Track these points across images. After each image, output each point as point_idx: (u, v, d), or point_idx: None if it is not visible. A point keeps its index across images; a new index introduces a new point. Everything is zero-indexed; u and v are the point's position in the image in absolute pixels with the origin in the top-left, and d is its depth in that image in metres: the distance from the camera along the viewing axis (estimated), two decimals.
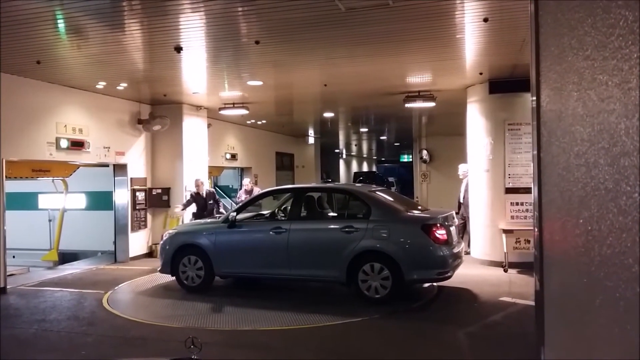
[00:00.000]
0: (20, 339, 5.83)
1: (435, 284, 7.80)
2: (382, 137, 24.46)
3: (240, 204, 8.51)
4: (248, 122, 15.02)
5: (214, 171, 14.21)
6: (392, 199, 7.68)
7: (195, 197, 10.61)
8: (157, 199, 11.33)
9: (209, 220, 8.89)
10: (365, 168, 39.56)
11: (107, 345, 5.62)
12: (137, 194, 10.98)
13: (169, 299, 7.49)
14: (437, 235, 6.68)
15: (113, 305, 7.22)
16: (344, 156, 32.25)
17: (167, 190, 11.40)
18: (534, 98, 1.95)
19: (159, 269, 8.25)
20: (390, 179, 33.72)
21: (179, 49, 6.61)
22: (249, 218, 8.16)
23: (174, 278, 8.09)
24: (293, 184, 17.94)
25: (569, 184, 1.37)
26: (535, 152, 1.95)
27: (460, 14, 5.88)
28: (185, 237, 8.04)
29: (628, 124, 0.92)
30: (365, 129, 20.13)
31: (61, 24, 5.78)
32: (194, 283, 7.82)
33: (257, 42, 6.48)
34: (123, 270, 9.87)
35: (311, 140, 21.49)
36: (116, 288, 8.28)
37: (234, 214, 7.89)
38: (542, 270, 1.91)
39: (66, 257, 12.04)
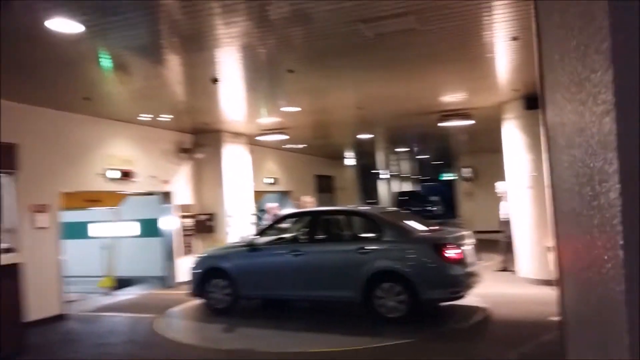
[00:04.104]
0: None
1: (485, 305, 7.70)
2: (421, 156, 24.32)
3: (262, 228, 8.82)
4: (287, 146, 15.33)
5: (256, 196, 14.52)
6: (403, 220, 7.82)
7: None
8: (202, 225, 11.68)
9: (233, 244, 9.23)
10: (406, 188, 39.25)
11: None
12: (184, 220, 11.37)
13: (216, 323, 7.69)
14: (449, 255, 6.75)
15: (165, 329, 7.50)
16: (384, 176, 32.16)
17: (212, 216, 11.75)
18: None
19: (189, 292, 8.60)
20: (433, 198, 33.27)
21: (215, 81, 6.94)
22: (270, 241, 8.41)
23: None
24: (334, 206, 18.06)
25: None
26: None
27: (489, 34, 5.93)
28: (212, 261, 8.40)
29: None
30: (404, 149, 20.11)
31: (106, 63, 6.20)
32: (221, 305, 8.12)
33: (290, 71, 6.72)
34: (172, 295, 10.17)
35: (350, 161, 21.63)
36: (167, 312, 8.58)
37: (254, 237, 8.22)
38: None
39: (121, 283, 12.48)
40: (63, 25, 4.75)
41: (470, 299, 8.02)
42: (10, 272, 6.31)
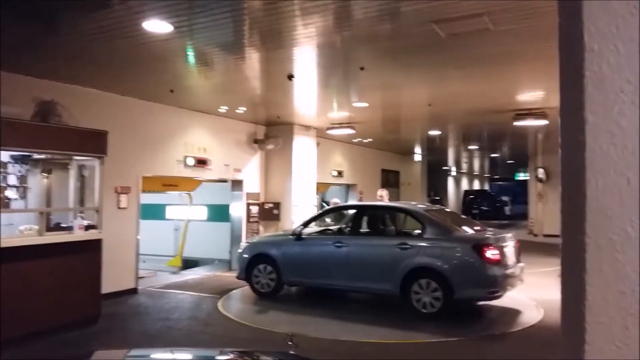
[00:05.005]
0: (149, 334, 6.66)
1: (542, 309, 7.56)
2: (494, 155, 23.67)
3: (307, 219, 9.12)
4: (354, 140, 15.46)
5: (321, 187, 14.79)
6: (447, 219, 7.99)
7: None
8: (268, 213, 12.11)
9: (280, 232, 9.62)
10: (476, 186, 38.30)
11: (220, 344, 6.24)
12: (251, 207, 11.84)
13: (274, 306, 8.09)
14: (489, 255, 6.82)
15: (226, 308, 7.95)
16: (454, 173, 31.55)
17: (277, 205, 12.14)
18: None
19: (236, 276, 9.06)
20: (504, 198, 32.32)
21: (291, 77, 7.19)
22: (316, 232, 8.75)
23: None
24: (398, 201, 18.02)
25: None
26: None
27: None
28: (259, 248, 8.81)
29: None
30: (476, 147, 19.66)
31: (191, 58, 6.60)
32: (265, 289, 8.53)
33: (361, 69, 6.85)
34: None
35: (418, 157, 21.42)
36: (229, 293, 9.04)
37: (301, 227, 8.56)
38: None
39: (188, 264, 13.18)
40: (156, 25, 5.15)
41: (526, 302, 7.92)
42: (92, 246, 6.90)
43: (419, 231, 7.60)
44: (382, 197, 11.60)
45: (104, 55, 6.32)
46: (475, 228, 7.93)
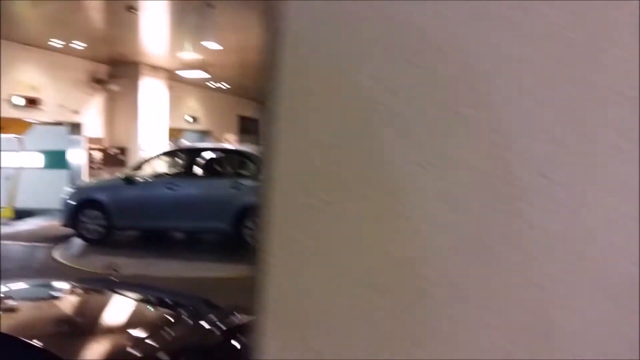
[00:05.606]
0: None
1: None
2: None
3: (139, 162, 9.04)
4: (211, 85, 15.04)
5: (176, 133, 14.28)
6: None
7: None
8: (113, 159, 11.42)
9: (110, 177, 9.43)
10: None
11: None
12: (93, 153, 11.03)
13: (113, 251, 7.73)
14: None
15: (62, 256, 7.58)
16: None
17: (123, 150, 11.48)
18: None
19: (61, 223, 8.63)
20: None
21: (130, 9, 6.70)
22: (150, 175, 8.67)
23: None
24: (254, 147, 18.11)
25: None
26: None
27: None
28: (86, 192, 8.58)
29: None
30: None
31: None
32: (93, 236, 8.28)
33: (211, 6, 6.62)
34: None
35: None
36: (66, 242, 8.54)
37: (132, 171, 8.54)
38: None
39: (21, 214, 12.03)
40: None
41: None
42: None
43: (252, 171, 7.93)
44: (229, 141, 11.66)
45: None
46: None
